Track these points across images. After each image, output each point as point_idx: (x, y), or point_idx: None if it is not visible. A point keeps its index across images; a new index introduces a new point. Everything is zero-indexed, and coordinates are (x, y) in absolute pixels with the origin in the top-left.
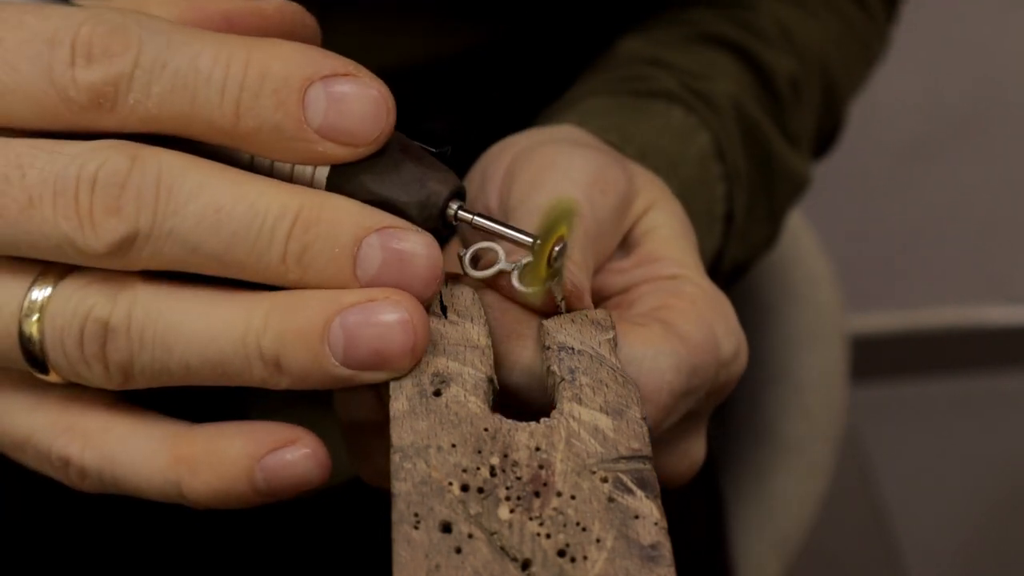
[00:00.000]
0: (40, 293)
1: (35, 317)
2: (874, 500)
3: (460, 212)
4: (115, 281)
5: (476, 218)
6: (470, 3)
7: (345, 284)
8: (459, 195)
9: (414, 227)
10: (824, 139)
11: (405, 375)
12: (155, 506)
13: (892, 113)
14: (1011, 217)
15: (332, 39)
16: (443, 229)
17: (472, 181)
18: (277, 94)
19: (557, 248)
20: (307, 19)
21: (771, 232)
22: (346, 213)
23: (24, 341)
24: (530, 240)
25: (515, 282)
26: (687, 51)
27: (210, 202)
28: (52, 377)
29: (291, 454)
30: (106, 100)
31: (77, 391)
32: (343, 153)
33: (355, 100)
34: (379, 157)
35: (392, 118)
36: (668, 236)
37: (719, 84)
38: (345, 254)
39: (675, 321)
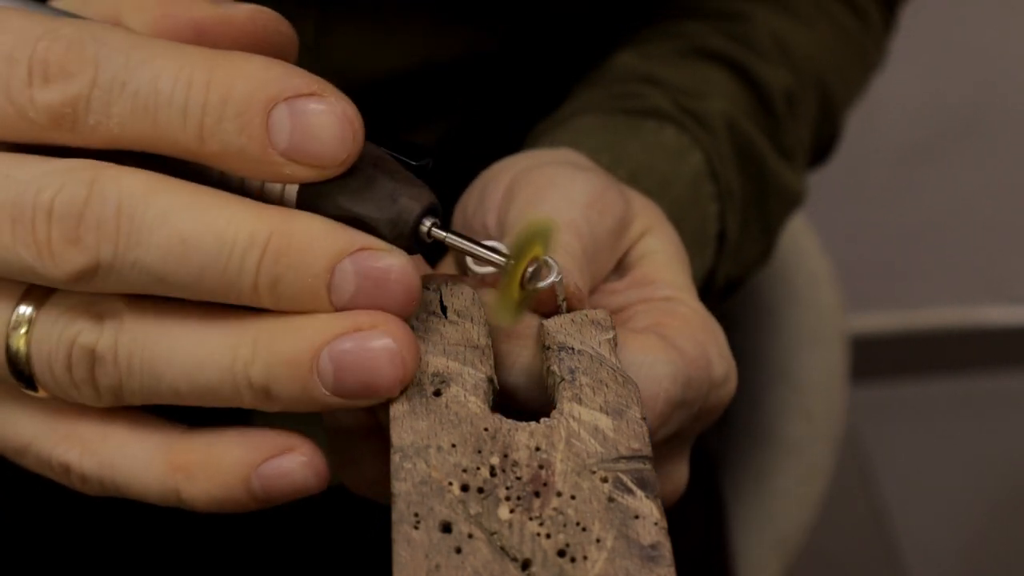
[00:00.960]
0: (26, 309)
1: (23, 330)
2: (874, 500)
3: (433, 230)
4: (99, 305)
5: (449, 236)
6: (467, 6)
7: (320, 310)
8: (432, 211)
9: (387, 246)
10: (821, 149)
11: None
12: (152, 507)
13: (893, 116)
14: (1011, 218)
15: (329, 42)
16: (415, 247)
17: (470, 199)
18: (240, 117)
19: (531, 269)
20: (282, 26)
21: (765, 248)
22: (317, 238)
23: (12, 358)
24: (503, 260)
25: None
26: (680, 67)
27: (174, 233)
28: (41, 394)
29: (288, 462)
30: (65, 121)
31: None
32: (310, 175)
33: (321, 121)
34: (351, 172)
35: (360, 138)
36: (663, 261)
37: (712, 102)
38: (319, 282)
39: (671, 336)
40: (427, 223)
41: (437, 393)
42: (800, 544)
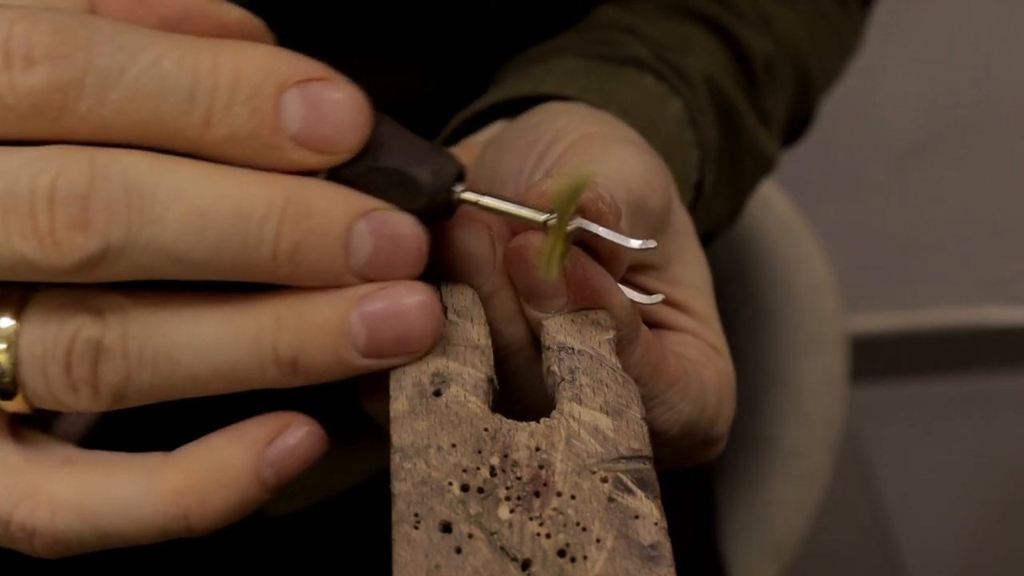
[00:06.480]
0: (5, 321)
1: (3, 346)
2: (874, 501)
3: (464, 193)
4: (94, 300)
5: (483, 198)
6: (405, 48)
7: (338, 274)
8: (461, 177)
9: (395, 208)
10: (794, 128)
11: (405, 375)
12: None
13: (893, 114)
14: (1011, 218)
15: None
16: (443, 210)
17: (528, 157)
18: (251, 101)
19: (572, 224)
20: (267, 39)
21: (733, 208)
22: (334, 201)
23: None
24: (543, 218)
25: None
26: (663, 24)
27: (190, 207)
28: (15, 404)
29: (292, 437)
30: (51, 108)
31: (31, 455)
32: (317, 161)
33: (333, 105)
34: (389, 135)
35: (371, 124)
36: (707, 301)
37: (693, 59)
38: (338, 244)
39: (707, 391)
40: (459, 186)
41: (437, 393)
42: (796, 550)
